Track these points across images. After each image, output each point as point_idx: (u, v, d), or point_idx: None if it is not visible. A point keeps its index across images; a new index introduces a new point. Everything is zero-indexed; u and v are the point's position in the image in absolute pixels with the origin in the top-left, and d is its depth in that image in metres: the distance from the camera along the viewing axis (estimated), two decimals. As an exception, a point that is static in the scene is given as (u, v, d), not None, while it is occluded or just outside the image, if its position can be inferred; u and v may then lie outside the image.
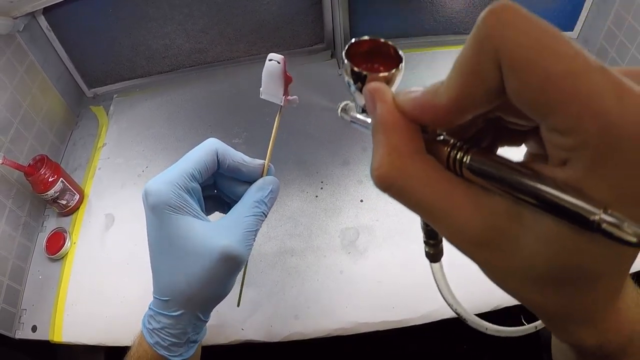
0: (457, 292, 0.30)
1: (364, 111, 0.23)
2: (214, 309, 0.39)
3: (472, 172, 0.16)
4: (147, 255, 0.37)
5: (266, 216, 0.38)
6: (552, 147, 0.13)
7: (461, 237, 0.16)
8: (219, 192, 0.42)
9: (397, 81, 0.20)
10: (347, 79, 0.21)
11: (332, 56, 0.96)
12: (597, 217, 0.12)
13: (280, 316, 0.61)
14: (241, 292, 0.44)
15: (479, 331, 0.31)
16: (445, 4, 0.90)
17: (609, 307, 0.16)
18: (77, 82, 0.96)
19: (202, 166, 0.36)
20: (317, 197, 0.73)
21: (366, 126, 0.23)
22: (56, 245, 0.71)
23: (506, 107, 0.14)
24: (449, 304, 0.30)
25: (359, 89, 0.20)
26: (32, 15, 0.81)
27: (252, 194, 0.38)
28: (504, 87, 0.13)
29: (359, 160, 0.76)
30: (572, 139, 0.12)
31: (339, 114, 0.25)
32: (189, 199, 0.35)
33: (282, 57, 0.35)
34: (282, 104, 0.37)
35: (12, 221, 0.70)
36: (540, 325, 0.31)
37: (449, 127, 0.18)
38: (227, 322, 0.61)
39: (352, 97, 0.23)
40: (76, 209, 0.77)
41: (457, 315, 0.30)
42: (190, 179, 0.36)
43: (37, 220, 0.77)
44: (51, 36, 0.87)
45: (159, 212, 0.34)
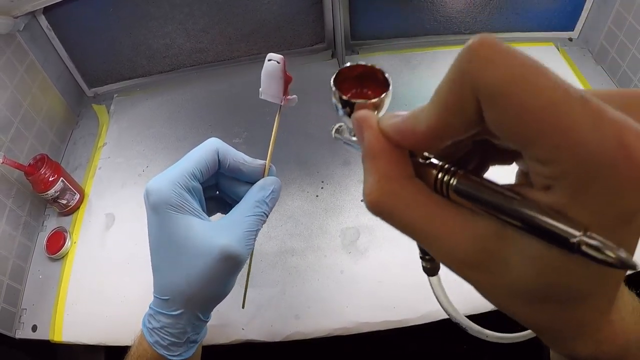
0: (457, 292, 0.30)
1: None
2: (215, 309, 0.39)
3: (459, 194, 0.16)
4: (148, 255, 0.37)
5: (267, 216, 0.38)
6: (534, 174, 0.14)
7: (451, 258, 0.16)
8: (221, 193, 0.42)
9: (386, 106, 0.21)
10: (336, 103, 0.21)
11: (333, 56, 0.96)
12: (577, 240, 0.12)
13: (280, 316, 0.61)
14: (245, 293, 0.44)
15: (479, 331, 0.32)
16: (446, 3, 0.90)
17: (599, 322, 0.16)
18: (77, 81, 0.96)
19: (203, 165, 0.36)
20: (317, 196, 0.73)
21: (358, 148, 0.23)
22: (56, 244, 0.71)
23: (490, 132, 0.15)
24: (450, 315, 0.30)
25: (348, 114, 0.21)
26: (33, 14, 0.81)
27: (254, 194, 0.38)
28: (483, 117, 0.14)
29: (359, 160, 0.74)
30: (553, 169, 0.13)
31: (333, 135, 0.26)
32: (189, 198, 0.35)
33: (282, 56, 0.35)
34: (281, 104, 0.37)
35: (13, 221, 0.70)
36: None
37: (434, 151, 0.18)
38: (228, 322, 0.61)
39: (342, 121, 0.24)
40: (76, 208, 0.77)
41: (458, 325, 0.31)
42: (191, 178, 0.36)
43: (38, 219, 0.77)
44: (51, 35, 0.87)
45: (159, 211, 0.34)
